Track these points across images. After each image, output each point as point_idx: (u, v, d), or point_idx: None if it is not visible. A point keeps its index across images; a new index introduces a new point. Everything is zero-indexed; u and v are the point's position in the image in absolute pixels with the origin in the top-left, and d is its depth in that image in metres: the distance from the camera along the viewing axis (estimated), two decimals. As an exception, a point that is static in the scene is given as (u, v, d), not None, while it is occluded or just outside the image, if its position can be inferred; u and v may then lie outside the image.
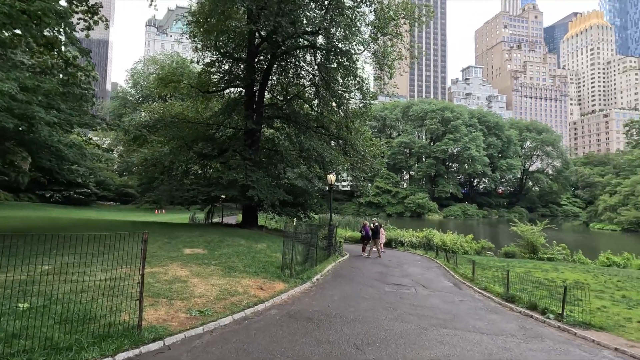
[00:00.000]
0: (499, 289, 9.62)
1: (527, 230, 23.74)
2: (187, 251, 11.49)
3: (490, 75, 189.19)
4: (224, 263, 10.12)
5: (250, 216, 24.94)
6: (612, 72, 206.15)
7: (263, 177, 21.59)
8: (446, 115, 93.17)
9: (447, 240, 25.04)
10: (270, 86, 26.36)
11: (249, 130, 22.65)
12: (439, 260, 16.89)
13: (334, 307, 7.45)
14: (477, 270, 13.11)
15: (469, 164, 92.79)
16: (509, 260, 17.69)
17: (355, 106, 25.42)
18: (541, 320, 7.24)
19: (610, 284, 11.26)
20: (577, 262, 21.75)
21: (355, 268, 13.46)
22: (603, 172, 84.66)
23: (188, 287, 7.48)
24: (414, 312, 7.33)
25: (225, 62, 24.42)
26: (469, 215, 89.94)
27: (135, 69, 71.23)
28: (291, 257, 9.63)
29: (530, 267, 14.82)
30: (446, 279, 11.92)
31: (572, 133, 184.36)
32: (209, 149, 22.22)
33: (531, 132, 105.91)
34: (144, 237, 5.09)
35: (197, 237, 14.99)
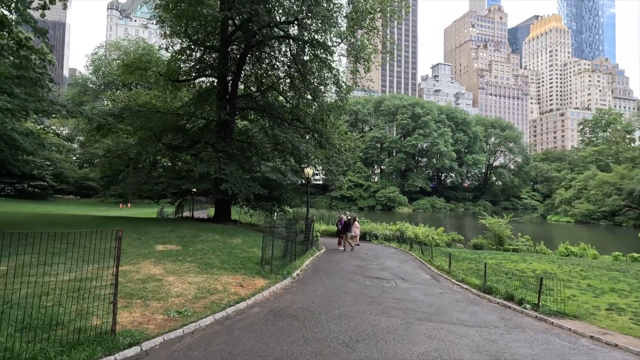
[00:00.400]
0: (476, 280, 9.88)
1: (495, 223, 24.75)
2: (160, 247, 10.90)
3: (458, 72, 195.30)
4: (199, 259, 9.68)
5: (223, 210, 24.27)
6: (568, 73, 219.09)
7: (237, 170, 21.00)
8: (416, 111, 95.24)
9: (420, 233, 25.62)
10: (244, 77, 25.60)
11: (222, 121, 21.93)
12: (414, 253, 17.20)
13: (318, 303, 7.30)
14: (452, 263, 13.44)
15: (437, 158, 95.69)
16: (479, 252, 18.36)
17: (331, 99, 25.28)
18: (519, 310, 7.48)
19: (574, 273, 11.93)
20: (539, 252, 22.96)
21: (333, 262, 13.39)
22: (559, 168, 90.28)
23: (163, 286, 7.05)
24: (398, 306, 7.32)
25: (196, 50, 23.38)
26: (437, 208, 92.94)
27: (97, 54, 67.03)
28: (271, 253, 9.36)
29: (500, 258, 15.43)
30: (423, 271, 12.13)
31: (532, 130, 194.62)
32: (179, 141, 21.25)
33: (495, 128, 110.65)
34: (118, 234, 4.65)
35: (169, 233, 14.33)
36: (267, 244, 9.63)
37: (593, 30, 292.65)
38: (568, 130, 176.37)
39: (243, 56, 22.38)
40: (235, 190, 19.84)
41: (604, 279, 10.89)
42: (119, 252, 4.70)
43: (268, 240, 9.74)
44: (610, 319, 6.90)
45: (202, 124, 25.45)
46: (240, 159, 23.84)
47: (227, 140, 21.60)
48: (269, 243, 9.57)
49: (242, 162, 23.79)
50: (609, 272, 12.39)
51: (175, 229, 15.88)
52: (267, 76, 25.04)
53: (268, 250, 9.66)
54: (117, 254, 4.67)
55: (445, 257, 15.56)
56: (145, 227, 16.02)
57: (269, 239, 9.74)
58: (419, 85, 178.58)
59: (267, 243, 9.63)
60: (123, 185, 21.74)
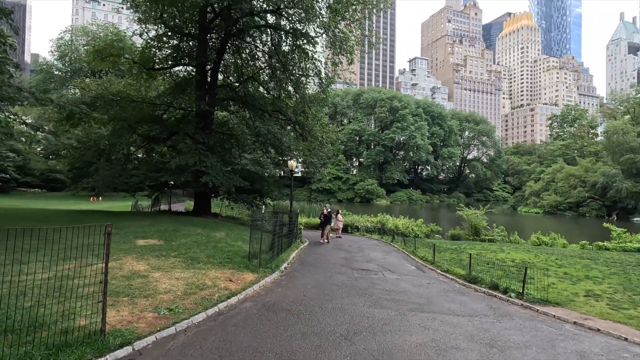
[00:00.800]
0: (460, 271, 10.15)
1: (471, 215, 25.52)
2: (141, 242, 10.50)
3: (434, 67, 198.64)
4: (184, 254, 9.40)
5: (203, 203, 23.74)
6: (538, 70, 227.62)
7: (218, 162, 20.54)
8: (394, 105, 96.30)
9: (400, 225, 26.06)
10: (224, 67, 24.96)
11: (202, 112, 21.32)
12: (396, 245, 17.47)
13: (310, 297, 7.25)
14: (427, 251, 13.75)
15: (414, 151, 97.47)
16: (459, 243, 18.89)
17: (312, 91, 25.12)
18: (504, 299, 7.74)
19: (551, 262, 12.50)
20: (513, 242, 23.91)
21: (319, 255, 13.38)
22: (530, 161, 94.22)
23: (150, 282, 6.78)
24: (389, 298, 7.40)
25: (173, 37, 22.48)
26: (414, 200, 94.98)
27: (62, 39, 63.18)
28: (260, 246, 9.21)
29: (479, 248, 15.93)
30: (408, 262, 12.33)
31: (504, 125, 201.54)
32: (156, 131, 20.49)
33: (470, 122, 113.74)
34: (107, 229, 4.39)
35: (149, 227, 13.85)
36: (255, 237, 9.47)
37: (561, 28, 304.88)
38: (537, 124, 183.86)
39: (223, 45, 21.75)
40: (216, 183, 19.42)
41: (578, 267, 11.48)
42: (108, 249, 4.44)
43: (255, 234, 9.58)
44: (589, 305, 7.27)
45: (180, 115, 24.68)
46: (220, 150, 23.32)
47: (207, 131, 21.04)
48: (257, 237, 9.41)
49: (223, 154, 23.29)
50: (581, 260, 13.08)
51: (154, 223, 15.37)
52: (248, 66, 24.48)
53: (255, 244, 9.51)
54: (107, 251, 4.42)
55: (427, 248, 15.91)
56: (123, 222, 15.40)
57: (256, 233, 9.57)
58: (396, 78, 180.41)
59: (255, 237, 9.46)
60: (96, 177, 20.75)
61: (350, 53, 20.89)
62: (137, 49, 25.80)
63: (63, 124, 21.77)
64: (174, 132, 21.33)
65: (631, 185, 56.58)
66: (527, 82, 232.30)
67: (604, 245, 21.32)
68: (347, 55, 20.84)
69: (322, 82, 23.24)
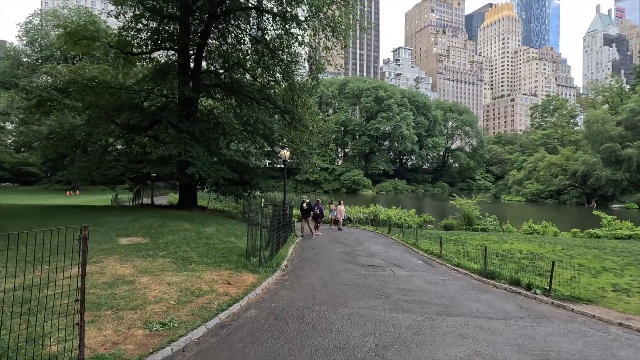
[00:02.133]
0: (472, 264, 9.58)
1: (465, 204, 25.28)
2: (124, 241, 9.45)
3: (418, 57, 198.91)
4: (174, 254, 8.44)
5: (188, 196, 22.54)
6: (518, 60, 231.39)
7: (204, 152, 19.38)
8: (380, 94, 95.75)
9: (392, 216, 25.59)
10: (208, 52, 23.61)
11: (186, 99, 20.04)
12: (394, 236, 16.90)
13: (320, 300, 6.47)
14: (435, 245, 13.21)
15: (400, 141, 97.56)
16: (457, 234, 18.49)
17: (302, 78, 24.17)
18: (531, 296, 7.17)
19: (559, 252, 12.14)
20: (506, 231, 23.80)
21: (317, 249, 12.62)
22: (512, 150, 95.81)
23: (137, 290, 5.83)
24: (409, 299, 6.69)
25: (152, 19, 20.92)
26: (399, 190, 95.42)
27: (31, 22, 59.28)
28: (260, 243, 8.33)
29: (479, 239, 15.52)
30: (413, 256, 11.72)
31: (485, 115, 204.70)
32: (137, 120, 19.08)
33: (453, 112, 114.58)
34: (82, 233, 3.43)
35: (132, 223, 12.73)
36: (253, 233, 8.58)
37: (540, 20, 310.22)
38: (517, 115, 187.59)
39: (207, 28, 20.36)
40: (203, 174, 18.31)
41: (589, 257, 11.13)
42: (85, 258, 3.49)
43: (253, 228, 8.69)
44: (623, 301, 6.80)
45: (162, 103, 23.28)
46: (206, 140, 22.10)
47: (191, 119, 19.79)
48: (255, 232, 8.54)
49: (209, 144, 22.08)
50: (588, 250, 12.80)
51: (138, 218, 14.24)
52: (234, 52, 23.17)
53: (254, 240, 8.63)
54: (83, 260, 3.46)
55: (426, 239, 15.39)
56: (103, 217, 14.20)
57: (254, 228, 8.69)
58: (381, 68, 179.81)
59: (253, 232, 8.58)
60: (71, 170, 19.25)
61: (344, 37, 19.94)
62: (112, 32, 24.06)
63: (33, 112, 20.08)
64: (156, 120, 19.94)
65: (610, 173, 58.14)
66: (508, 72, 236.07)
67: (595, 232, 21.40)
68: (340, 38, 19.89)
69: (312, 68, 22.25)
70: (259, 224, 8.55)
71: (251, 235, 8.58)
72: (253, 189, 23.84)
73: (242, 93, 21.72)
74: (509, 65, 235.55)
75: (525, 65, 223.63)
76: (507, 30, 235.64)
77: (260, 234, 8.26)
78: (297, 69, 23.41)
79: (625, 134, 59.44)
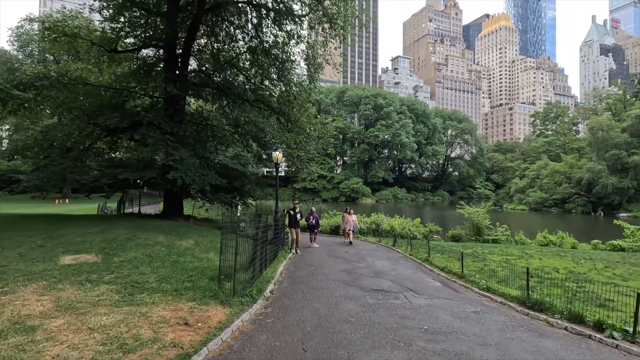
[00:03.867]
0: (508, 289, 7.63)
1: (474, 213, 23.40)
2: (67, 260, 7.52)
3: (416, 66, 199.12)
4: (125, 277, 6.51)
5: (173, 204, 20.64)
6: (515, 70, 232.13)
7: (189, 156, 17.52)
8: (379, 102, 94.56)
9: (396, 225, 23.67)
10: (198, 51, 22.05)
11: (171, 97, 18.33)
12: (400, 250, 14.96)
13: (314, 351, 4.54)
14: (451, 260, 11.29)
15: (399, 149, 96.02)
16: (471, 246, 16.55)
17: (299, 78, 22.59)
18: (609, 343, 5.17)
19: (604, 272, 10.23)
20: (519, 242, 21.92)
21: (313, 266, 10.67)
22: (513, 158, 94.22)
23: (35, 342, 3.89)
24: (438, 349, 4.75)
25: (136, 12, 19.32)
26: (399, 198, 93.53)
27: (23, 27, 57.86)
28: (234, 263, 6.40)
29: (499, 253, 13.63)
30: (428, 275, 9.78)
31: (484, 123, 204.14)
32: (115, 120, 17.22)
33: (453, 121, 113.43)
34: None
35: (95, 235, 10.79)
36: (228, 248, 6.65)
37: (536, 30, 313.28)
38: (516, 123, 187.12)
39: (195, 21, 18.70)
40: (187, 180, 16.44)
41: (644, 279, 9.26)
42: None
43: (230, 242, 6.75)
44: None
45: (148, 103, 21.59)
46: (194, 143, 20.29)
47: (176, 120, 18.00)
48: (231, 247, 6.61)
49: (197, 147, 20.26)
50: (634, 267, 10.90)
51: (106, 230, 12.30)
52: (225, 50, 21.56)
53: (229, 257, 6.69)
54: None
55: (437, 253, 13.47)
56: (65, 228, 12.26)
57: (231, 241, 6.75)
58: (379, 77, 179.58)
59: (228, 247, 6.64)
60: (39, 175, 17.35)
61: (342, 29, 18.33)
62: (96, 28, 22.40)
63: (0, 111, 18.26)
64: (137, 121, 18.11)
65: (616, 181, 56.55)
66: (506, 81, 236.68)
67: (619, 244, 19.54)
68: (338, 30, 18.28)
69: (310, 67, 20.62)
70: (236, 233, 6.62)
71: (226, 250, 6.64)
72: (245, 196, 21.94)
73: (233, 93, 20.02)
74: (507, 75, 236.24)
75: (522, 74, 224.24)
76: (504, 40, 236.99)
77: (236, 248, 6.33)
78: (293, 68, 21.86)
79: (630, 141, 58.01)
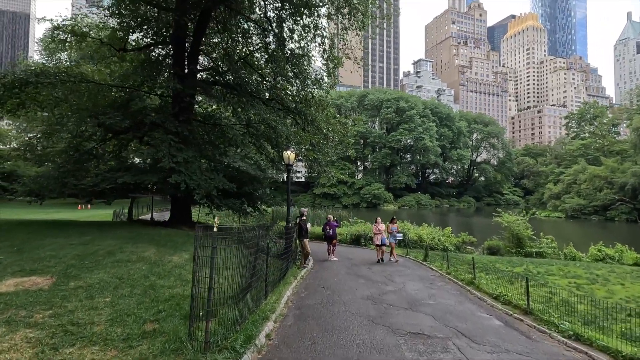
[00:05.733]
0: (611, 340, 5.28)
1: (513, 222, 20.66)
2: (9, 284, 5.83)
3: (439, 69, 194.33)
4: (64, 316, 4.68)
5: (180, 211, 19.22)
6: (544, 71, 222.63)
7: (195, 157, 15.97)
8: (401, 105, 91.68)
9: (424, 235, 21.26)
10: (211, 49, 20.82)
11: (176, 95, 16.93)
12: (434, 266, 12.64)
13: None
14: (502, 283, 8.93)
15: (422, 154, 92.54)
16: (517, 262, 13.96)
17: (317, 76, 20.91)
18: None
19: None
20: (569, 257, 19.03)
21: (329, 290, 8.62)
22: (546, 162, 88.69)
23: None
24: None
25: (144, 6, 18.20)
26: (422, 205, 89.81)
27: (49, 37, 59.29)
28: (207, 296, 4.43)
29: (557, 272, 11.10)
30: (478, 306, 7.46)
31: (511, 127, 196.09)
32: (117, 120, 15.90)
33: (478, 124, 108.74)
34: None
35: (73, 248, 9.18)
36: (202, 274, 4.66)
37: (566, 30, 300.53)
38: (545, 126, 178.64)
39: (205, 11, 17.28)
40: (191, 184, 14.85)
41: None
42: None
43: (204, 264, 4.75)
44: None
45: (158, 103, 20.43)
46: (202, 144, 18.79)
47: (181, 119, 16.49)
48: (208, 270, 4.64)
49: (205, 148, 18.75)
50: None
51: (94, 240, 10.75)
52: (238, 47, 20.15)
53: (202, 288, 4.71)
54: None
55: (481, 271, 11.06)
56: (49, 238, 10.77)
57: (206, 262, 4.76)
58: (401, 81, 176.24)
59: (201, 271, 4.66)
60: (37, 179, 16.22)
61: (363, 15, 16.40)
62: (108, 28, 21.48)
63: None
64: (139, 120, 16.74)
65: (667, 186, 51.35)
66: (534, 83, 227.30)
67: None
68: (359, 17, 16.39)
69: (328, 63, 18.82)
70: (213, 253, 4.66)
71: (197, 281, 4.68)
72: (257, 202, 20.20)
73: (245, 91, 18.43)
74: (535, 76, 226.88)
75: (552, 75, 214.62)
76: (532, 41, 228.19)
77: (211, 278, 4.38)
78: (310, 64, 20.15)
79: (682, 143, 52.70)
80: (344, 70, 20.64)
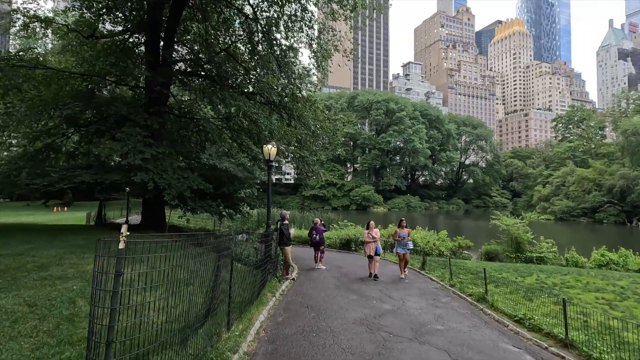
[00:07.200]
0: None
1: (512, 225, 19.44)
2: None
3: (428, 72, 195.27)
4: None
5: (153, 213, 17.44)
6: (530, 75, 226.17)
7: (167, 154, 14.25)
8: (391, 107, 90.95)
9: (418, 239, 19.86)
10: (191, 39, 19.15)
11: (148, 84, 15.23)
12: (434, 275, 11.20)
13: None
14: (518, 299, 7.53)
15: (412, 156, 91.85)
16: (524, 269, 12.59)
17: (304, 70, 19.51)
18: None
19: None
20: (570, 262, 17.92)
21: (313, 310, 7.05)
22: (534, 164, 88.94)
23: None
24: None
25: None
26: (412, 207, 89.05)
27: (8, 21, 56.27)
28: (107, 337, 2.83)
29: (573, 282, 9.79)
30: (500, 334, 5.91)
31: (498, 130, 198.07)
32: (76, 110, 14.07)
33: (467, 126, 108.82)
34: None
35: (6, 259, 7.42)
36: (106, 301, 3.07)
37: (550, 36, 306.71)
38: (532, 129, 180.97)
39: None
40: (160, 184, 13.13)
41: None
42: None
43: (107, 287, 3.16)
44: None
45: (130, 96, 18.69)
46: (176, 139, 17.07)
47: (152, 110, 14.75)
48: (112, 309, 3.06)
49: (180, 144, 17.03)
50: None
51: (35, 249, 8.99)
52: (219, 36, 18.53)
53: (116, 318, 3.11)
54: None
55: (491, 284, 9.65)
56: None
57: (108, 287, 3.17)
58: (390, 83, 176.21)
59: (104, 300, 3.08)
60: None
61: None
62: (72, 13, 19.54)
63: None
64: (103, 112, 14.94)
65: (655, 188, 51.53)
66: (520, 87, 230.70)
67: None
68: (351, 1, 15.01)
69: (317, 55, 17.40)
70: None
71: (94, 330, 3.09)
72: (237, 204, 18.49)
73: (227, 84, 16.83)
74: (521, 80, 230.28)
75: (538, 79, 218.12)
76: (518, 45, 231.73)
77: (111, 324, 2.80)
78: (296, 57, 18.73)
79: (670, 145, 53.04)
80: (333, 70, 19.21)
